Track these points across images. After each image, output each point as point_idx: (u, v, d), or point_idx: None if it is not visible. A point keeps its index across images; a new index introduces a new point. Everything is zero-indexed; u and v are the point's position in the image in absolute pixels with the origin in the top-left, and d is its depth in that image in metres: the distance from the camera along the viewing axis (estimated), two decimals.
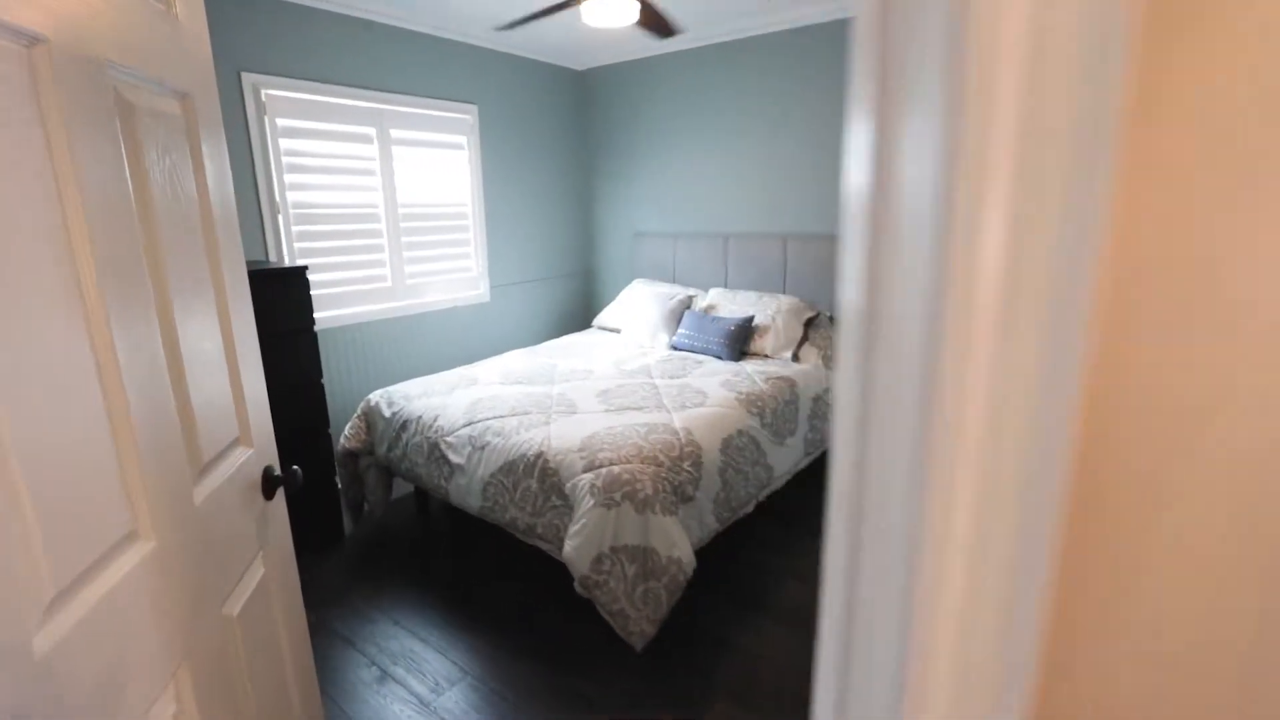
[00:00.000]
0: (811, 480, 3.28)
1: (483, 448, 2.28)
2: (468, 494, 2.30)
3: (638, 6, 2.27)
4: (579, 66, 4.36)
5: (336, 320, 3.18)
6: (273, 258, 2.91)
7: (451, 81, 3.61)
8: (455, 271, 3.82)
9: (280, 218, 2.92)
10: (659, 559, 1.90)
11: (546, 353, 3.47)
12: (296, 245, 3.00)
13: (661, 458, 2.08)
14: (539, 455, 2.14)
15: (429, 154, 3.56)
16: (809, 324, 3.43)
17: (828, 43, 3.36)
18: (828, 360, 3.28)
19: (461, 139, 3.73)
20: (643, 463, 2.03)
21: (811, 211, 3.61)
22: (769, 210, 3.77)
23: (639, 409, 2.48)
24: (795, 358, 3.28)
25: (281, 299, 2.52)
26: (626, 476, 1.96)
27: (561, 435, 2.22)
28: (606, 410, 2.46)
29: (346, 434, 2.76)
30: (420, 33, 3.40)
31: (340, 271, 3.21)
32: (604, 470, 2.00)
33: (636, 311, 3.76)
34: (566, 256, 4.57)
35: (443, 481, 2.40)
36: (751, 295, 3.60)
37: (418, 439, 2.50)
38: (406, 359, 3.57)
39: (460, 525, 2.93)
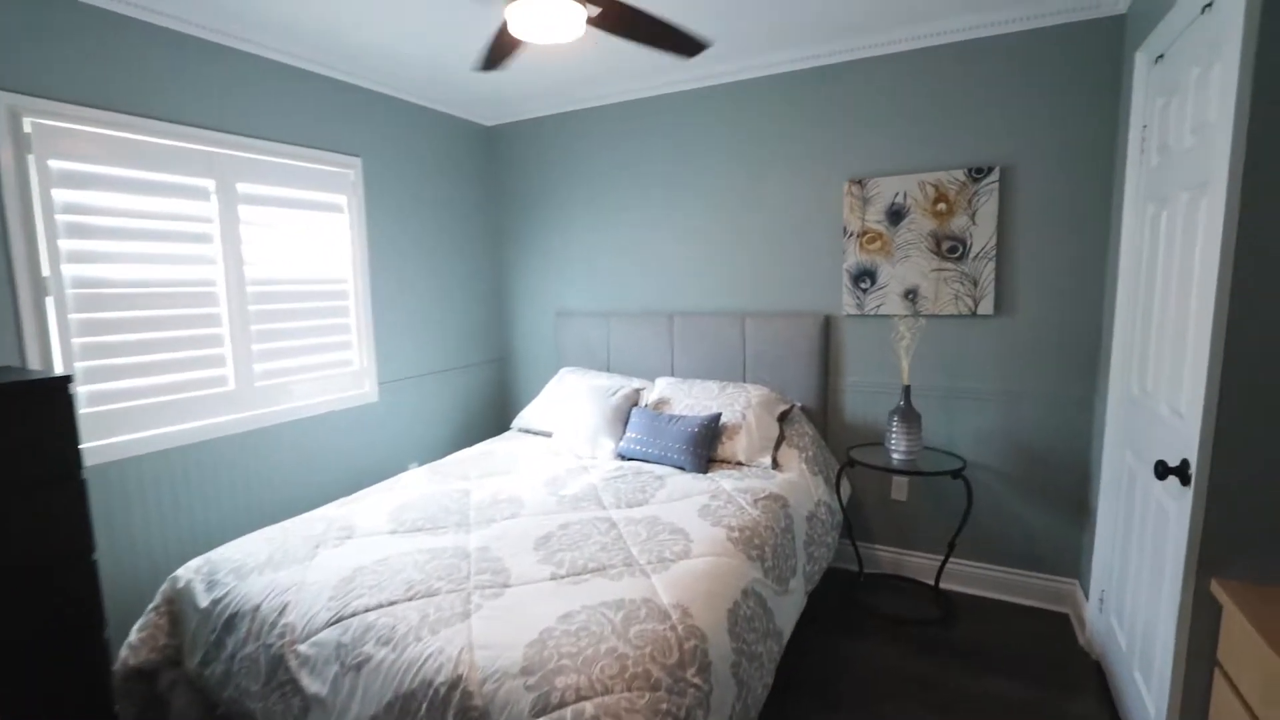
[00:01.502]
0: (803, 624, 2.58)
1: (358, 666, 1.41)
2: None
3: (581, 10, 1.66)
4: (487, 121, 3.74)
5: (140, 446, 2.20)
6: (33, 361, 1.95)
7: (327, 127, 2.85)
8: (330, 366, 2.93)
9: (50, 301, 1.98)
10: None
11: (456, 472, 2.63)
12: (76, 342, 2.05)
13: (654, 670, 1.31)
14: (454, 683, 1.30)
15: (295, 216, 2.74)
16: (782, 419, 2.84)
17: (792, 93, 2.94)
18: (812, 465, 2.67)
19: (340, 198, 2.94)
20: (629, 687, 1.26)
21: (775, 285, 3.09)
22: (723, 284, 3.22)
23: (601, 571, 1.70)
24: (775, 464, 2.65)
25: (26, 431, 1.57)
26: None
27: (491, 639, 1.39)
28: (555, 578, 1.67)
29: (134, 640, 1.75)
30: (282, 63, 2.65)
31: (152, 376, 2.26)
32: (568, 712, 1.20)
33: (570, 410, 3.02)
34: (476, 342, 3.78)
35: None
36: (711, 386, 2.97)
37: (251, 649, 1.57)
38: (249, 498, 2.58)
39: None
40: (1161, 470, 1.56)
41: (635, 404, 3.01)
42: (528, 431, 3.35)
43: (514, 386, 3.98)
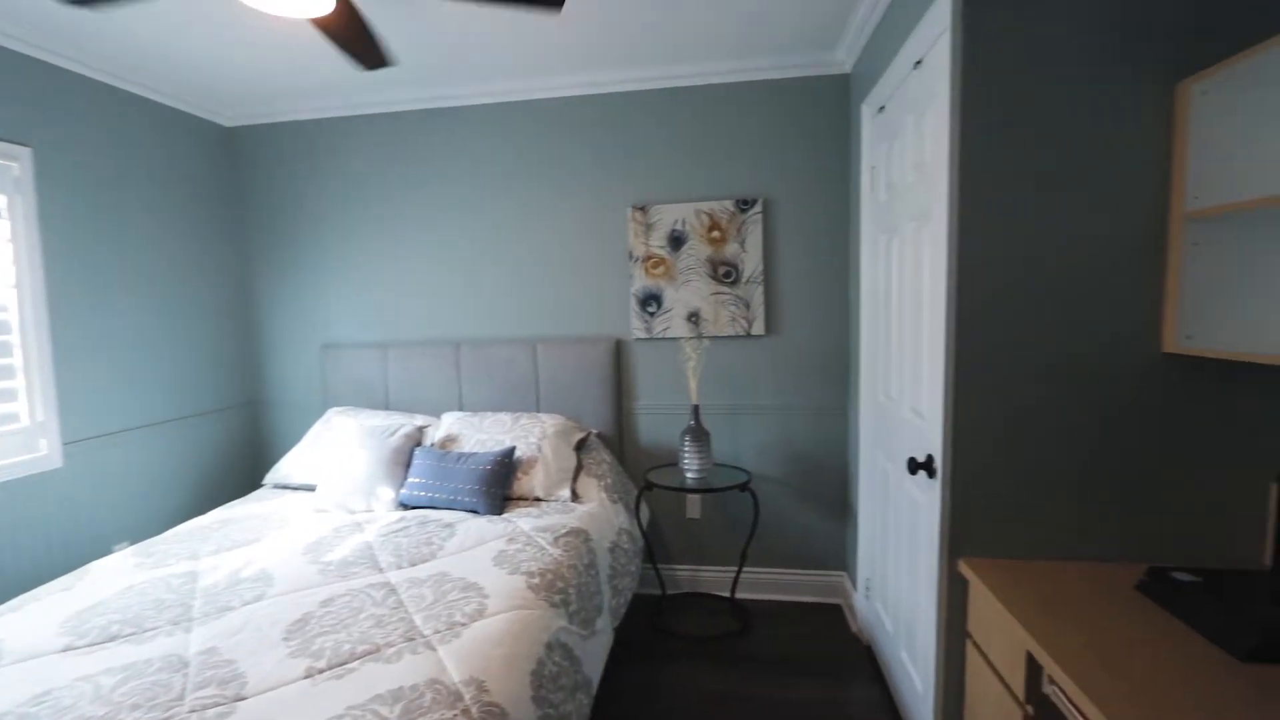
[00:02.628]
0: (611, 661, 2.47)
1: None
2: None
3: None
4: (225, 120, 3.16)
5: None
6: None
7: None
8: None
9: None
10: None
11: (180, 551, 2.07)
12: None
13: None
14: None
15: None
16: (579, 448, 2.75)
17: (579, 118, 2.91)
18: (612, 492, 2.61)
19: None
20: None
21: (566, 310, 3.01)
22: (513, 310, 3.06)
23: (375, 653, 1.41)
24: (574, 495, 2.53)
25: None
26: None
27: None
28: (312, 675, 1.33)
29: None
30: None
31: None
32: None
33: (340, 457, 2.59)
34: (217, 383, 3.12)
35: None
36: (504, 418, 2.78)
37: None
38: None
39: None
40: (912, 466, 1.75)
41: (419, 444, 2.69)
42: (285, 488, 2.82)
43: (269, 435, 3.35)
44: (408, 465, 2.56)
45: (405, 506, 2.46)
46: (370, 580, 1.79)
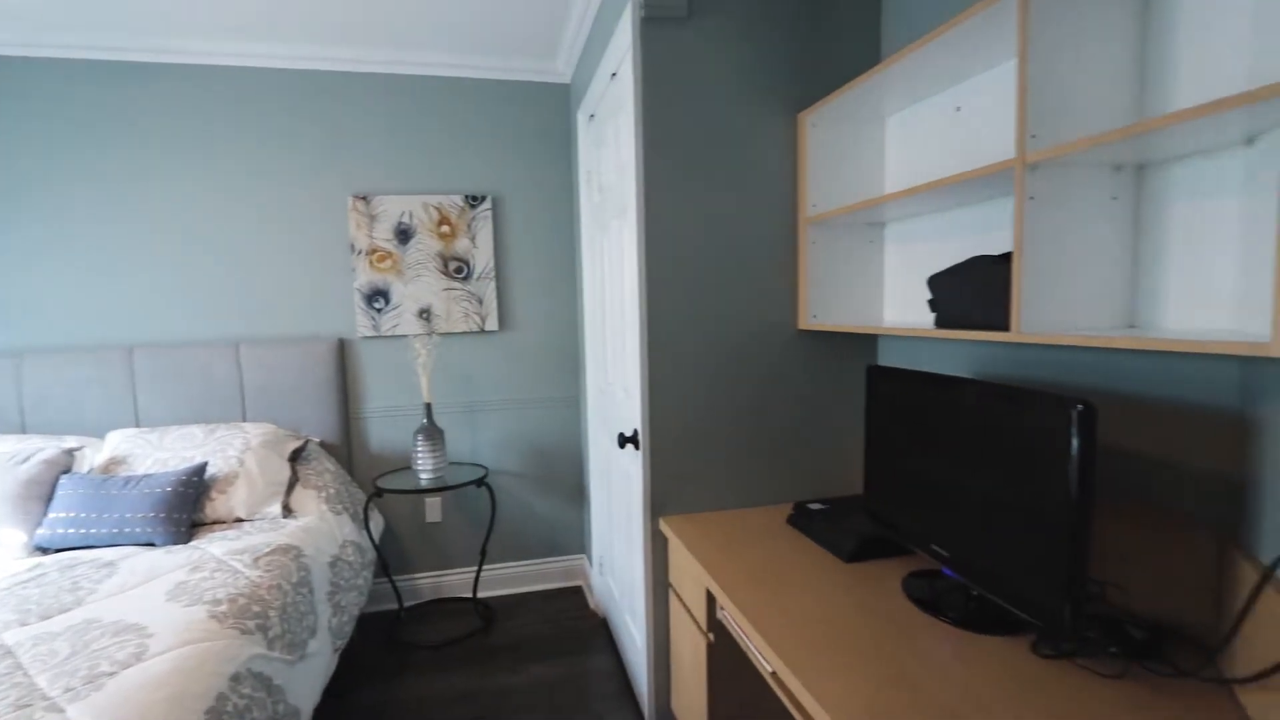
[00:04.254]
0: (339, 687, 2.28)
1: None
2: None
3: None
4: None
5: None
6: None
7: None
8: None
9: None
10: None
11: None
12: None
13: None
14: None
15: None
16: (295, 459, 2.47)
17: (290, 94, 2.59)
18: (334, 503, 2.39)
19: None
20: None
21: (277, 307, 2.68)
22: (208, 306, 2.63)
23: None
24: (288, 510, 2.27)
25: None
26: None
27: None
28: None
29: None
30: None
31: None
32: None
33: None
34: None
35: None
36: (194, 432, 2.37)
37: None
38: None
39: None
40: (621, 440, 1.91)
41: (67, 470, 2.17)
42: None
43: None
44: (48, 498, 2.05)
45: (45, 550, 1.96)
46: None
